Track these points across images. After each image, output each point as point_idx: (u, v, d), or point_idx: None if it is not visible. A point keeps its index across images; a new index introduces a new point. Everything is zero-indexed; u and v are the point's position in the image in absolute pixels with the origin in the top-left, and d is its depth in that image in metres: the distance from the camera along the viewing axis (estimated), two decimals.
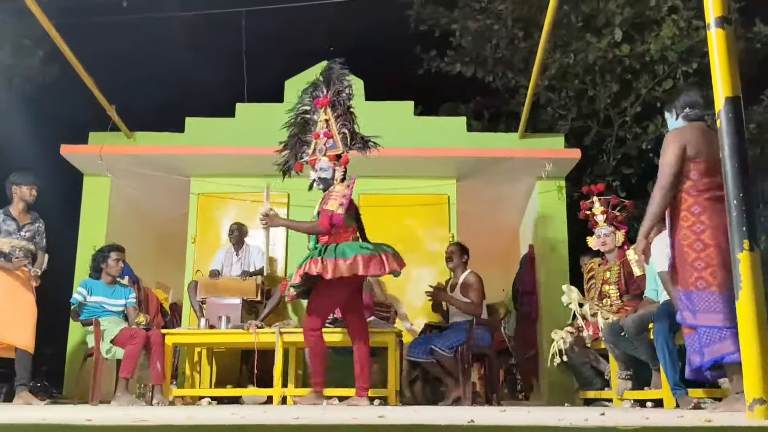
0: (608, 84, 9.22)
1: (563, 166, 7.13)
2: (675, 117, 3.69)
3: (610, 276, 5.46)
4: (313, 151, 5.06)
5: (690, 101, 3.64)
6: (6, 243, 5.25)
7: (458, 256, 5.77)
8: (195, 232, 7.26)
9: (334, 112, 5.09)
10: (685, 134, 3.49)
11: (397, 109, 7.40)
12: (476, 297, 5.50)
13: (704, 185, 3.40)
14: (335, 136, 5.05)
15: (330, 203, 4.74)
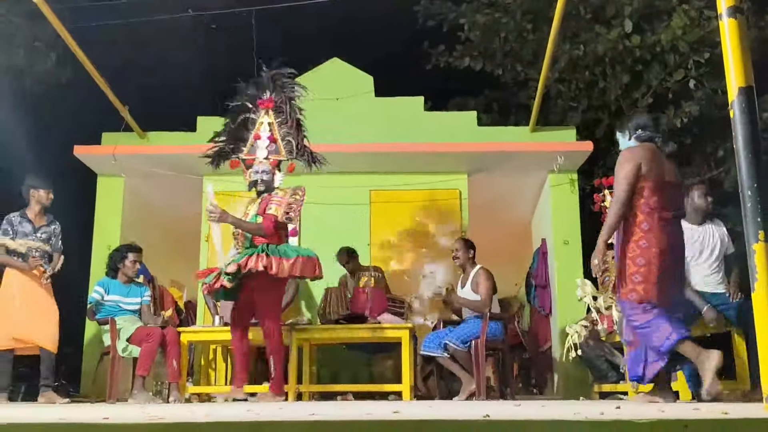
0: (619, 75, 9.16)
1: (575, 159, 7.10)
2: (628, 138, 3.90)
3: None
4: (250, 149, 5.01)
5: (642, 123, 3.86)
6: (22, 244, 5.33)
7: (464, 251, 5.76)
8: (208, 231, 7.29)
9: (278, 117, 5.08)
10: (639, 153, 3.66)
11: (406, 104, 7.40)
12: (485, 293, 5.48)
13: (654, 203, 3.58)
14: (278, 142, 5.04)
15: (274, 208, 4.78)
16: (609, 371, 5.47)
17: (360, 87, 7.37)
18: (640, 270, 3.53)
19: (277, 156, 5.00)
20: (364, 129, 7.14)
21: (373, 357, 6.52)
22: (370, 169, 7.17)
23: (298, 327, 5.58)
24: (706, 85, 8.72)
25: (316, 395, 5.86)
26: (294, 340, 5.49)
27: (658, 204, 3.58)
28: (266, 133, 5.01)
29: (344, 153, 6.92)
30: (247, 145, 5.03)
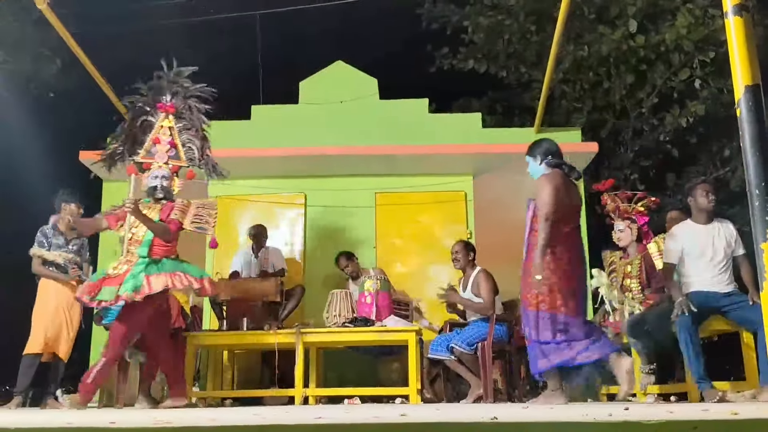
0: (623, 75, 9.14)
1: (580, 160, 7.07)
2: (539, 162, 4.27)
3: (631, 269, 5.41)
4: (147, 153, 4.86)
5: (551, 150, 4.26)
6: (59, 256, 5.43)
7: (464, 254, 5.74)
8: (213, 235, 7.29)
9: (179, 123, 4.93)
10: (556, 177, 4.08)
11: (411, 106, 7.40)
12: (486, 295, 5.46)
13: (564, 223, 3.98)
14: (179, 147, 4.90)
15: (179, 214, 4.75)
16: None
17: (364, 90, 7.37)
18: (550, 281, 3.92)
19: (178, 162, 4.86)
20: (368, 132, 7.14)
21: (380, 360, 6.50)
22: (375, 171, 7.17)
23: (304, 331, 5.57)
24: (712, 84, 8.70)
25: (322, 399, 5.84)
26: (300, 344, 5.48)
27: (567, 224, 4.03)
28: (166, 138, 4.85)
29: (349, 156, 6.92)
30: (144, 149, 4.86)
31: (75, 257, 5.56)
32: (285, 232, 7.27)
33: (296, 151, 6.93)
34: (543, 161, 4.24)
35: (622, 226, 5.50)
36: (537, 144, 4.37)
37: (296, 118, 7.31)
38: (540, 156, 4.27)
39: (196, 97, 5.04)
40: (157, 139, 4.82)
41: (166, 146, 4.82)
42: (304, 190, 7.32)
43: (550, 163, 4.23)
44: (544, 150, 4.28)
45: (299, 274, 7.07)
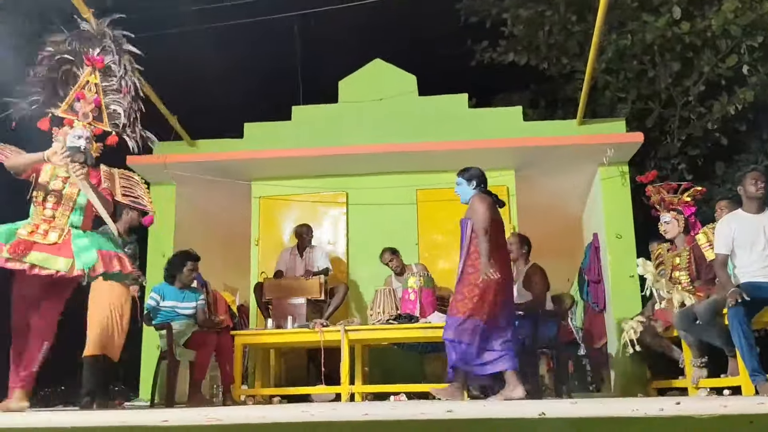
0: (668, 63, 8.92)
1: (625, 151, 6.94)
2: (473, 186, 4.72)
3: (680, 262, 5.30)
4: (69, 108, 4.24)
5: (482, 176, 4.77)
6: None
7: (518, 246, 5.67)
8: (258, 235, 7.41)
9: (107, 81, 4.33)
10: (487, 198, 4.63)
11: (450, 102, 7.36)
12: (537, 290, 5.40)
13: (496, 239, 4.52)
14: (103, 109, 4.30)
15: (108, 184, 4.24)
16: (668, 367, 5.33)
17: (403, 87, 7.37)
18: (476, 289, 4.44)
19: (100, 125, 4.28)
20: (408, 129, 7.14)
21: (425, 357, 6.50)
22: (416, 168, 7.17)
23: (348, 328, 5.61)
24: (761, 69, 8.42)
25: (368, 396, 5.87)
26: (345, 342, 5.52)
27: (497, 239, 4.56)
28: (91, 95, 4.27)
29: (389, 153, 6.93)
30: (65, 103, 4.23)
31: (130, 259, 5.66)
32: (328, 231, 7.33)
33: (337, 150, 6.97)
34: (476, 186, 4.71)
35: (668, 218, 5.39)
36: (471, 169, 4.82)
37: (336, 118, 7.36)
38: (475, 180, 4.73)
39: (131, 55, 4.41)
40: (81, 94, 4.25)
41: (91, 104, 4.26)
42: (346, 189, 7.37)
43: (481, 187, 4.74)
44: (478, 175, 4.75)
45: (343, 272, 7.12)
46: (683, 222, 5.38)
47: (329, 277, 6.52)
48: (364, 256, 7.11)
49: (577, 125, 7.03)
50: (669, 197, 5.47)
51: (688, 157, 9.10)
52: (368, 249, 7.10)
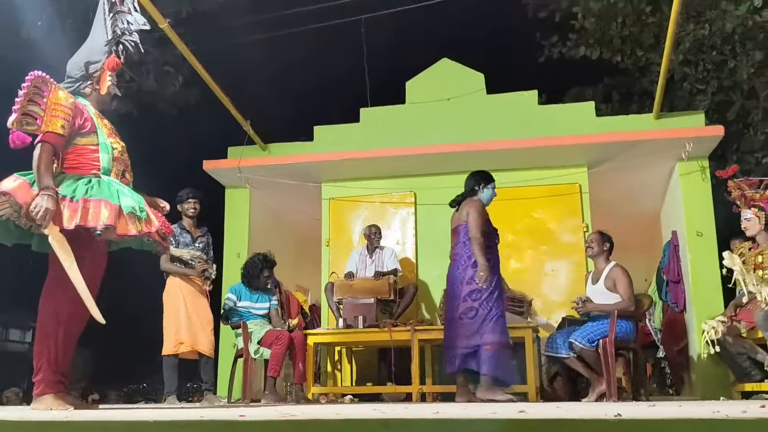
0: (750, 53, 8.52)
1: (705, 145, 6.66)
2: (481, 190, 4.98)
3: (762, 260, 5.05)
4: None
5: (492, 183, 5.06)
6: (186, 253, 5.70)
7: (599, 244, 5.48)
8: (328, 236, 7.52)
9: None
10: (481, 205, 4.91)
11: (520, 99, 7.26)
12: (626, 292, 5.17)
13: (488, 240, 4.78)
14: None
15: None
16: (752, 369, 5.10)
17: (471, 86, 7.32)
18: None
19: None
20: (477, 127, 7.08)
21: None
22: (484, 167, 7.07)
23: (418, 328, 5.62)
24: None
25: (438, 396, 5.87)
26: (415, 341, 5.53)
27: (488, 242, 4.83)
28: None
29: (458, 153, 6.90)
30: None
31: (201, 255, 5.77)
32: (397, 231, 7.36)
33: (405, 151, 6.99)
34: (484, 190, 5.02)
35: (749, 215, 5.15)
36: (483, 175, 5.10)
37: (404, 118, 7.38)
38: (483, 183, 5.02)
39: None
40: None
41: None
42: (414, 189, 7.38)
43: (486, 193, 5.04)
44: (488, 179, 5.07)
45: (412, 272, 7.13)
46: (765, 218, 5.13)
47: (398, 278, 6.54)
48: (433, 256, 7.09)
49: (653, 119, 6.80)
50: (750, 193, 5.22)
51: None
52: (437, 249, 7.07)
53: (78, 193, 3.15)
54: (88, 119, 3.35)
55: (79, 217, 3.07)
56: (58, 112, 3.20)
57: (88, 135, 3.33)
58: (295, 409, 2.34)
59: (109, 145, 3.37)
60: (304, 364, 5.60)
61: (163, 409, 3.04)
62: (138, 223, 3.17)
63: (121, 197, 3.20)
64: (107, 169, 3.33)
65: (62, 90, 3.31)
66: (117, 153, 3.40)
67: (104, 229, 3.06)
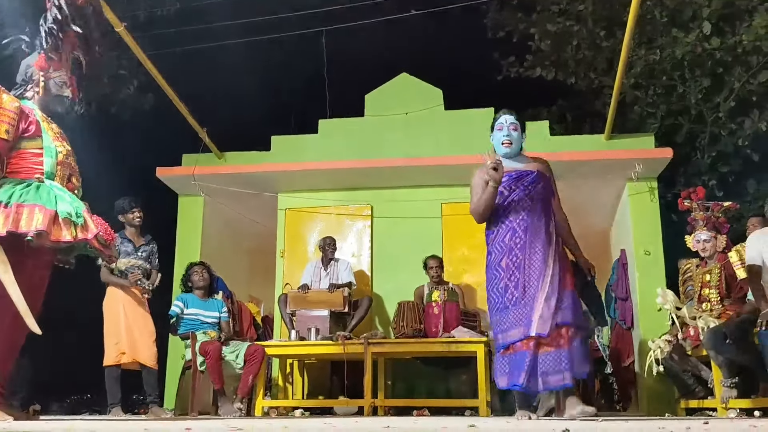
0: (698, 79, 8.82)
1: (654, 167, 6.86)
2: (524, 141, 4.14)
3: (710, 279, 5.20)
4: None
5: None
6: (123, 263, 5.55)
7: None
8: (283, 247, 7.45)
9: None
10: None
11: (477, 116, 7.33)
12: None
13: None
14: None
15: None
16: (696, 386, 5.23)
17: (429, 101, 7.38)
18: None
19: None
20: (434, 142, 7.14)
21: (449, 372, 6.46)
22: (441, 182, 7.15)
23: (372, 341, 5.60)
24: None
25: (391, 410, 5.85)
26: (368, 355, 5.51)
27: None
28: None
29: (415, 167, 6.94)
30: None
31: (143, 264, 5.62)
32: (353, 244, 7.34)
33: (363, 164, 7.00)
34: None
35: (707, 236, 5.27)
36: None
37: (362, 131, 7.39)
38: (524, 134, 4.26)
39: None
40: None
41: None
42: (371, 202, 7.38)
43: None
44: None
45: (367, 285, 7.12)
46: (723, 241, 5.27)
47: (353, 290, 6.52)
48: (388, 269, 7.11)
49: (605, 140, 6.97)
50: (714, 216, 5.35)
51: (719, 173, 8.97)
52: (392, 262, 7.09)
53: (13, 198, 3.06)
54: (32, 122, 3.27)
55: (10, 223, 2.98)
56: (1, 116, 3.14)
57: (33, 139, 3.25)
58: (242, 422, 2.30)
59: (54, 149, 3.29)
60: (254, 377, 5.50)
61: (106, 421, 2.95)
62: (73, 229, 3.08)
63: (59, 202, 3.11)
64: (51, 173, 3.25)
65: (6, 93, 3.24)
66: (62, 157, 3.31)
67: (36, 235, 2.98)
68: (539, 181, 3.85)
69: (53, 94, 3.43)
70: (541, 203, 3.81)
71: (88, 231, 3.13)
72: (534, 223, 3.73)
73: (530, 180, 3.83)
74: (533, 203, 3.78)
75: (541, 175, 3.87)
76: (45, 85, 3.41)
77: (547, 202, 3.87)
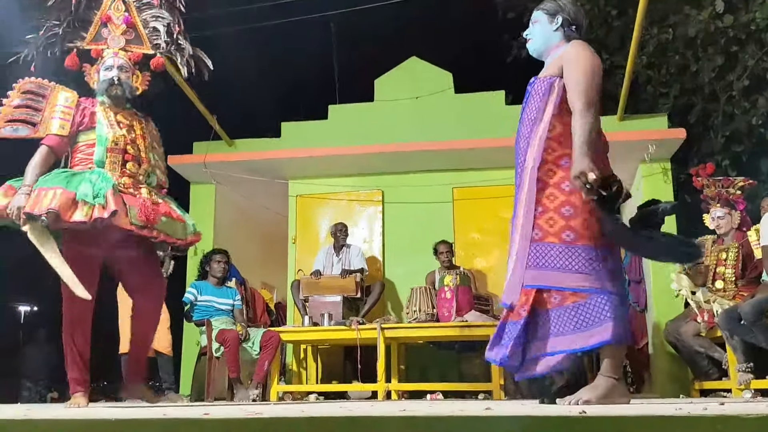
0: (712, 57, 8.71)
1: (668, 147, 6.80)
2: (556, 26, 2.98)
3: (726, 257, 5.16)
4: (95, 36, 3.53)
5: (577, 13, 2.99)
6: None
7: None
8: (295, 233, 7.47)
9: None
10: (592, 51, 2.81)
11: (487, 99, 7.31)
12: None
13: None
14: (139, 28, 3.58)
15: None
16: (710, 368, 5.22)
17: (439, 84, 7.34)
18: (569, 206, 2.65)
19: (139, 48, 3.57)
20: (444, 126, 7.11)
21: (462, 356, 6.48)
22: (452, 166, 7.14)
23: (384, 326, 5.62)
24: None
25: (404, 394, 5.88)
26: (381, 339, 5.53)
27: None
28: (120, 14, 3.54)
29: (425, 151, 6.92)
30: (90, 30, 3.54)
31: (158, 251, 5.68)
32: (364, 229, 7.35)
33: (373, 149, 6.98)
34: (565, 26, 2.97)
35: (722, 213, 5.24)
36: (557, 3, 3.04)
37: (372, 116, 7.37)
38: (561, 16, 2.98)
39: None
40: (107, 17, 3.53)
41: (121, 26, 3.54)
42: (382, 187, 7.38)
43: (569, 35, 2.95)
44: (569, 12, 2.98)
45: (379, 270, 7.13)
46: (738, 217, 5.24)
47: (365, 276, 6.54)
48: (400, 254, 7.11)
49: (617, 121, 6.91)
50: (725, 191, 5.32)
51: (732, 153, 8.88)
52: (404, 247, 7.10)
53: (39, 183, 3.17)
54: (87, 115, 3.38)
55: (29, 205, 3.08)
56: (56, 113, 3.30)
57: (87, 131, 3.37)
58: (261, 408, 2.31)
59: (105, 137, 3.35)
60: (270, 363, 5.54)
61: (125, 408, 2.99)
62: (88, 209, 3.10)
63: (82, 184, 3.15)
64: (100, 161, 3.33)
65: (64, 91, 3.39)
66: (111, 144, 3.36)
67: (48, 215, 3.04)
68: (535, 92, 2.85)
69: (102, 80, 3.49)
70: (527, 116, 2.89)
71: (106, 210, 3.14)
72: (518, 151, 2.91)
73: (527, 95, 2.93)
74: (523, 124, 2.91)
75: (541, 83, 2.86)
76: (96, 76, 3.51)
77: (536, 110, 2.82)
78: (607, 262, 2.62)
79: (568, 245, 2.61)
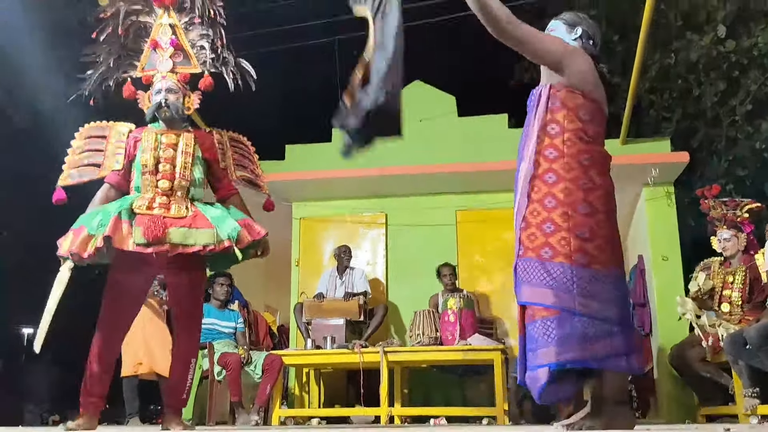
0: (714, 82, 8.75)
1: (671, 171, 6.80)
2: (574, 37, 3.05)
3: (733, 280, 5.13)
4: (146, 64, 3.60)
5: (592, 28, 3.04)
6: None
7: None
8: (298, 256, 7.46)
9: (184, 17, 3.65)
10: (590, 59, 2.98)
11: (491, 122, 7.34)
12: None
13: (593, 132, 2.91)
14: (186, 48, 3.61)
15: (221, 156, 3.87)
16: (716, 393, 5.16)
17: (443, 108, 7.37)
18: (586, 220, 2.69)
19: (187, 68, 3.60)
20: (448, 149, 7.12)
21: (465, 379, 6.43)
22: (455, 189, 7.14)
23: (388, 350, 5.58)
24: None
25: (407, 419, 5.82)
26: (384, 363, 5.49)
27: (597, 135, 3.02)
28: (167, 38, 3.57)
29: (428, 174, 6.93)
30: (142, 59, 3.60)
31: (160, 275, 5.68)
32: (367, 252, 7.34)
33: (377, 172, 6.99)
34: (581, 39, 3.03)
35: (728, 235, 5.22)
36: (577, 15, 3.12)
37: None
38: (580, 28, 3.04)
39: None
40: (155, 42, 3.57)
41: (169, 49, 3.57)
42: (385, 210, 7.38)
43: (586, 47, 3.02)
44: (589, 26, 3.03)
45: (382, 293, 7.11)
46: (744, 240, 5.22)
47: (368, 299, 6.51)
48: (403, 277, 7.09)
49: (620, 145, 6.91)
50: (731, 213, 5.30)
51: (736, 177, 8.88)
52: (407, 270, 7.08)
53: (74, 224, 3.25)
54: (131, 145, 3.44)
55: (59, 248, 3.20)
56: (114, 149, 3.42)
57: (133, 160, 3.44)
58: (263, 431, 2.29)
59: (139, 162, 3.40)
60: (272, 386, 5.50)
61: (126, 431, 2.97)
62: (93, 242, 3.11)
63: (95, 217, 3.18)
64: (137, 187, 3.39)
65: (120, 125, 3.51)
66: (143, 167, 3.39)
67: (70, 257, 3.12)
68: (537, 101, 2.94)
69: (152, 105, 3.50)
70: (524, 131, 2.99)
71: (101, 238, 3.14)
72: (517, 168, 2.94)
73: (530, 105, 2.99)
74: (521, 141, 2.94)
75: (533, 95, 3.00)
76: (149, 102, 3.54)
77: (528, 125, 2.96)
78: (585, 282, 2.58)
79: (544, 262, 2.65)
